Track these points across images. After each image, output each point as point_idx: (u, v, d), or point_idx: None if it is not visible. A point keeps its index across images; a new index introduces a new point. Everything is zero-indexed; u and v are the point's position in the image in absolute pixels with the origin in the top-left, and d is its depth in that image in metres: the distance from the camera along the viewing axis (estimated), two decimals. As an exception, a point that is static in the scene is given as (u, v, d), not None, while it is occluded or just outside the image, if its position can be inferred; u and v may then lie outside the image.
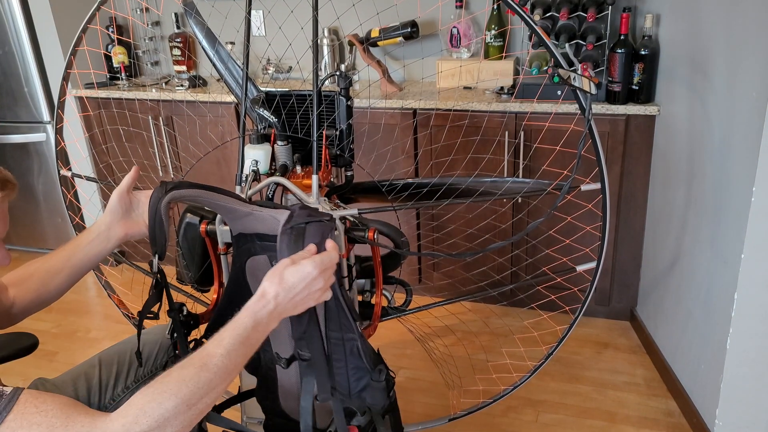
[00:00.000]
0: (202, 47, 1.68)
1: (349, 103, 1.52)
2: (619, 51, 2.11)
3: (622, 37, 2.11)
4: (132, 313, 2.14)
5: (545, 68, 2.26)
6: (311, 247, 1.05)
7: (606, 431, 1.93)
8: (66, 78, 1.92)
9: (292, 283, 0.99)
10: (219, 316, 1.25)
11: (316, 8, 1.38)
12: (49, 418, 0.84)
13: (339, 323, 1.16)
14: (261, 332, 0.98)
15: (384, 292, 1.54)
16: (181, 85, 2.72)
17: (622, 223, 2.31)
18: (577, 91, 1.38)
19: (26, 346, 1.38)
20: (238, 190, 1.44)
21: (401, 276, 1.66)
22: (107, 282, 2.18)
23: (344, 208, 1.43)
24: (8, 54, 2.85)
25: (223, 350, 0.93)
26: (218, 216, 1.41)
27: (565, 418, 1.99)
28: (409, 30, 2.40)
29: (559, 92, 2.19)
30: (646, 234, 2.29)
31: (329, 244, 1.06)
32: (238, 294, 1.25)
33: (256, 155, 1.44)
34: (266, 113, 1.48)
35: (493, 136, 2.29)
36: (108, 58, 2.89)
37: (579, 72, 1.36)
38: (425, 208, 2.44)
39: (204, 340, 1.16)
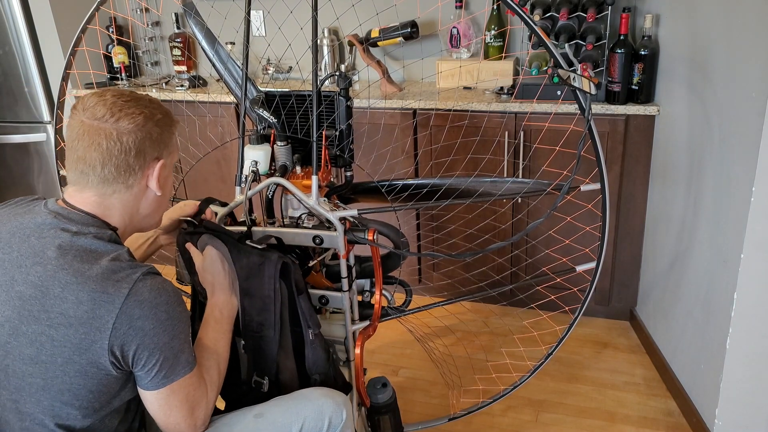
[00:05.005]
0: (202, 47, 1.68)
1: (348, 103, 1.52)
2: (619, 51, 2.11)
3: (621, 38, 2.11)
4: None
5: (545, 68, 2.26)
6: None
7: (605, 431, 1.94)
8: (66, 78, 1.93)
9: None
10: None
11: (315, 8, 1.38)
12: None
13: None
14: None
15: (384, 292, 1.55)
16: (181, 86, 2.73)
17: (622, 223, 2.31)
18: (577, 91, 1.38)
19: None
20: (237, 190, 1.44)
21: (401, 276, 1.67)
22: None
23: (344, 209, 1.43)
24: (8, 54, 2.85)
25: None
26: (218, 216, 1.42)
27: (565, 417, 1.99)
28: (409, 30, 2.40)
29: (558, 92, 2.19)
30: (646, 234, 2.29)
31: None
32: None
33: (256, 156, 1.44)
34: (266, 113, 1.48)
35: (493, 137, 2.29)
36: (108, 59, 2.89)
37: (579, 72, 1.36)
38: (425, 208, 2.44)
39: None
